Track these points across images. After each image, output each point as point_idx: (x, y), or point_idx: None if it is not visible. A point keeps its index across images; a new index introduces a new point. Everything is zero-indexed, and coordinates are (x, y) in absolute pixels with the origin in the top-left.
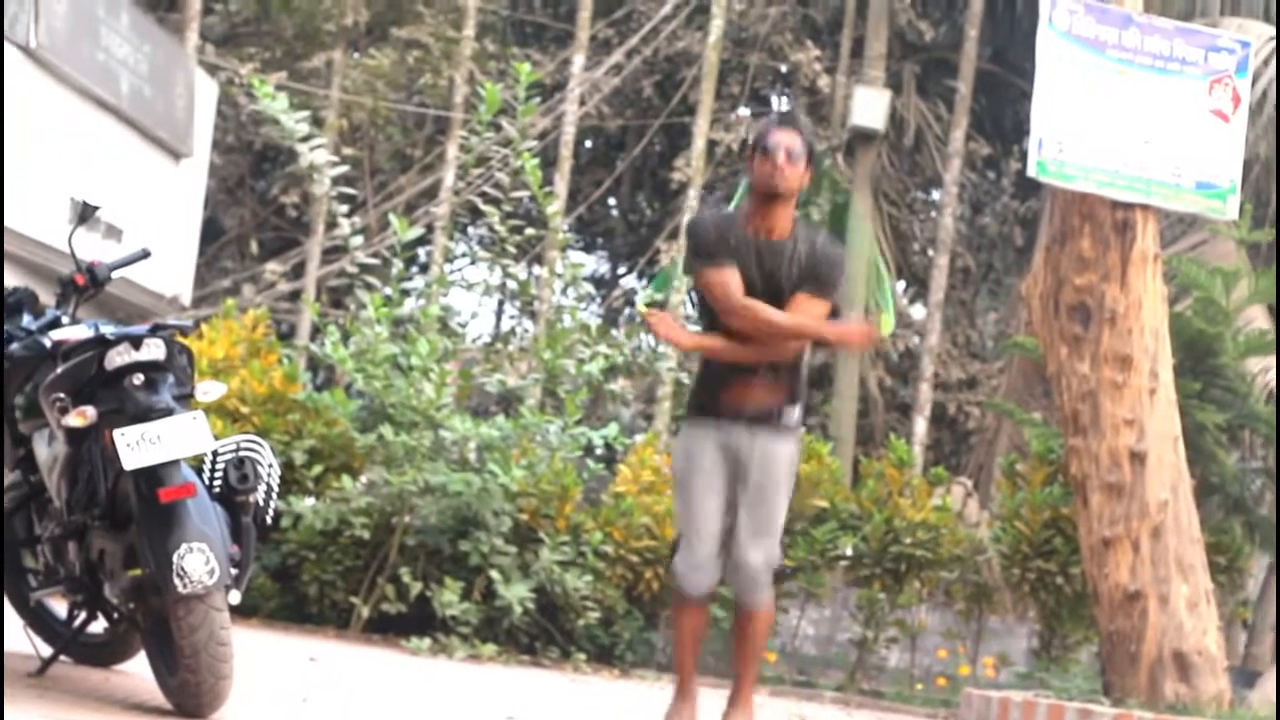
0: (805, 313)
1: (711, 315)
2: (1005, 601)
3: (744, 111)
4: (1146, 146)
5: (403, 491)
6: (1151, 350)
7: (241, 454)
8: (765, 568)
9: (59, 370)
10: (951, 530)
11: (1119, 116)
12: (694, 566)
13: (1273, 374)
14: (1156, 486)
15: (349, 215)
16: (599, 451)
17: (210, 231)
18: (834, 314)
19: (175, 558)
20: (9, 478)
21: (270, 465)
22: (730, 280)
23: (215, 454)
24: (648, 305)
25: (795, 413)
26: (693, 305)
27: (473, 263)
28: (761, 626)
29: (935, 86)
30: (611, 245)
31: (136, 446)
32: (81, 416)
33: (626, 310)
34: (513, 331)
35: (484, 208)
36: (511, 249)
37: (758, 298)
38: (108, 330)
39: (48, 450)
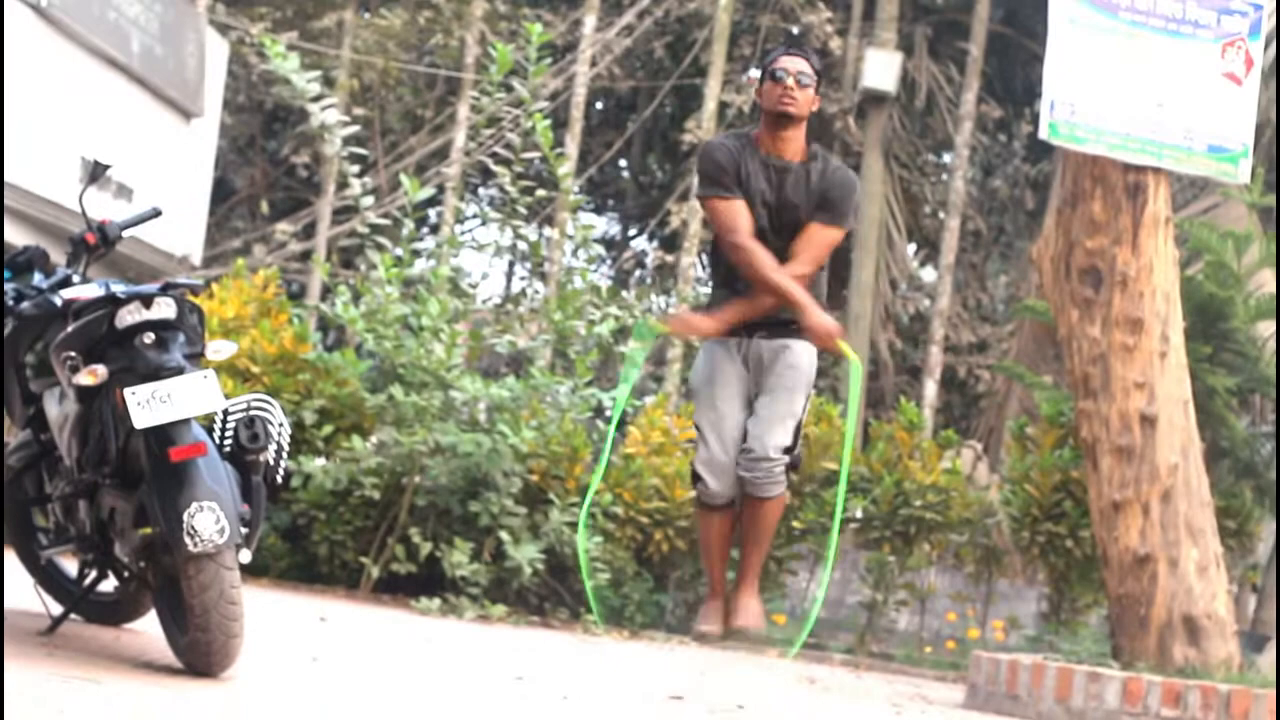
0: (817, 242)
1: (723, 268)
2: (1015, 565)
3: (755, 73)
4: (1159, 109)
5: (413, 452)
6: (1162, 314)
7: (252, 413)
8: (779, 456)
9: (70, 329)
10: (961, 493)
11: (1131, 79)
12: (710, 467)
13: None
14: (1167, 450)
15: (360, 176)
16: (609, 413)
17: (221, 191)
18: (846, 238)
19: (186, 516)
20: (20, 436)
21: (281, 425)
22: (737, 213)
23: (226, 413)
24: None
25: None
26: (703, 265)
27: (483, 224)
28: (772, 513)
29: (947, 49)
30: (622, 207)
31: (147, 405)
32: (92, 375)
33: (637, 272)
34: (523, 293)
35: (495, 169)
36: (522, 210)
37: (771, 219)
38: (119, 289)
39: (58, 409)
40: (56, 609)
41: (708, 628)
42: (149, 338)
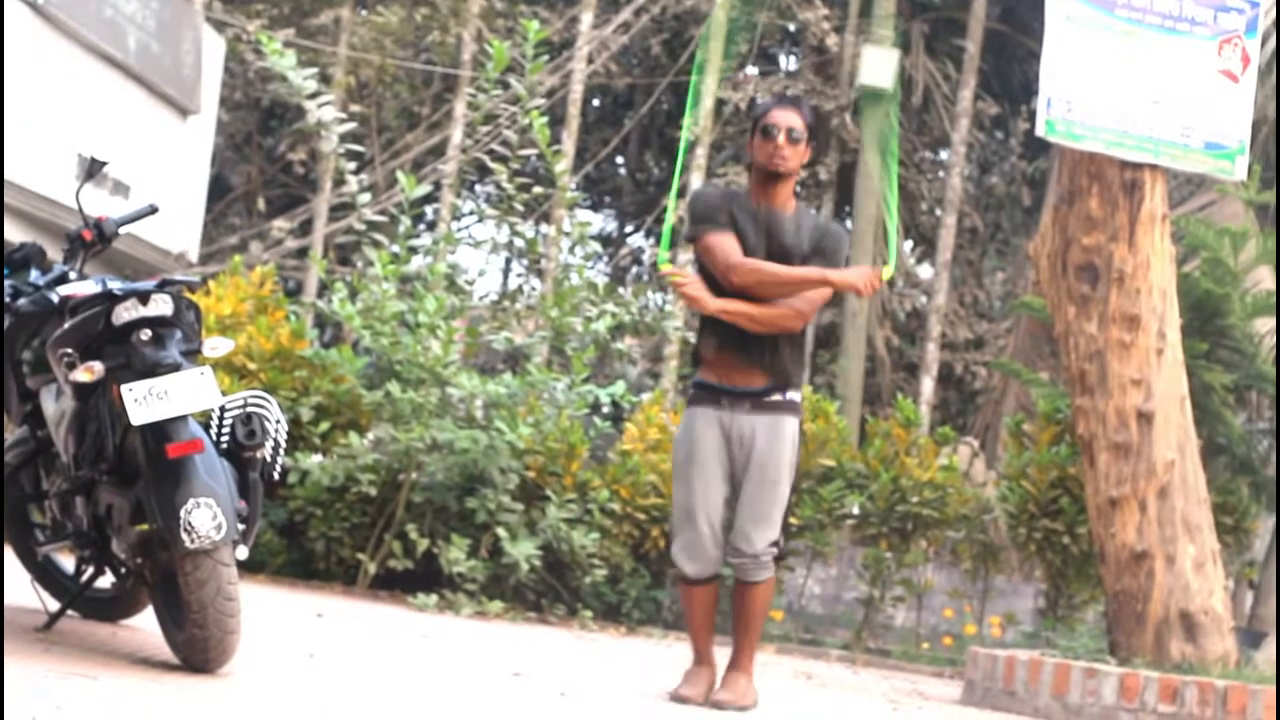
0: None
1: (717, 289)
2: (1011, 561)
3: (752, 70)
4: (1155, 106)
5: (410, 448)
6: (1159, 310)
7: (249, 410)
8: (767, 550)
9: (66, 325)
10: (958, 490)
11: (1127, 76)
12: (697, 554)
13: None
14: (1163, 446)
15: (356, 172)
16: (606, 409)
17: (217, 188)
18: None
19: (183, 513)
20: (17, 432)
21: (277, 421)
22: (729, 243)
23: (223, 410)
24: (667, 263)
25: (797, 393)
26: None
27: (480, 220)
28: (762, 598)
29: (943, 46)
30: (619, 203)
31: (144, 402)
32: (89, 372)
33: (634, 269)
34: (520, 289)
35: (492, 165)
36: (519, 207)
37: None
38: (115, 286)
39: (55, 405)
40: (54, 605)
41: (688, 692)
42: (146, 334)
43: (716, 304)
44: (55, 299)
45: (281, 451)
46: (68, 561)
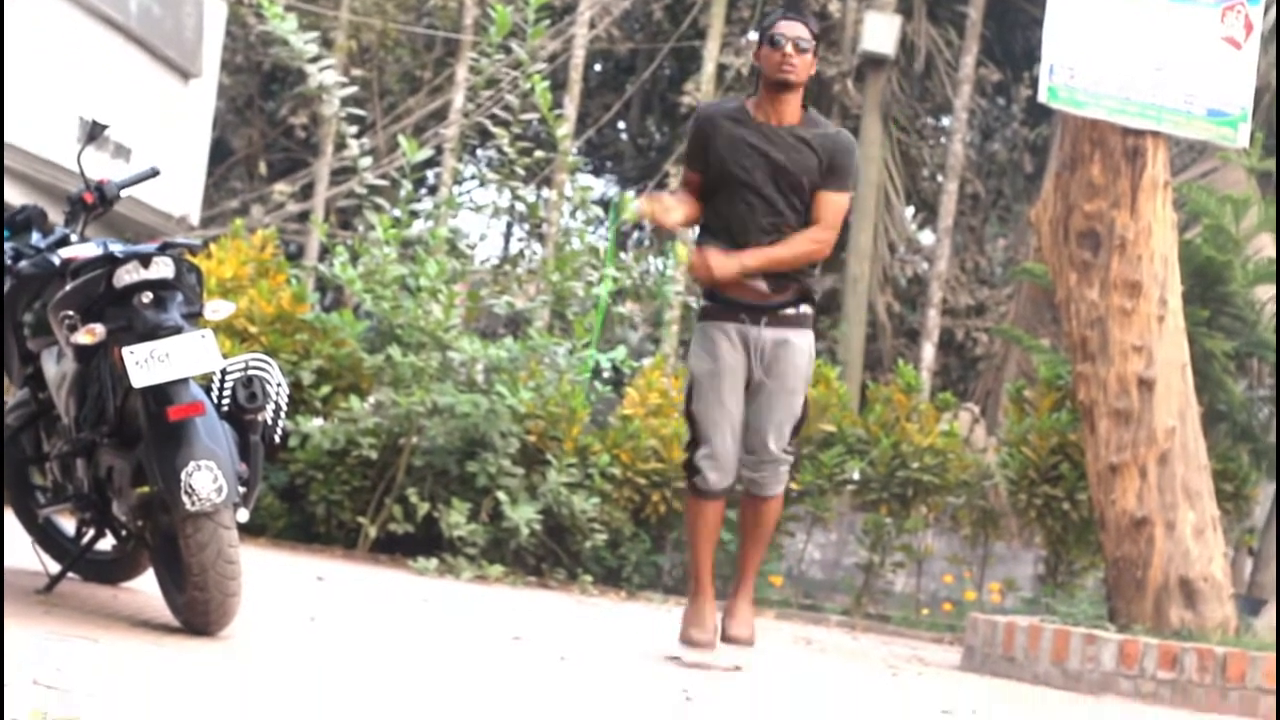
0: (833, 208)
1: (715, 202)
2: (1011, 527)
3: (754, 36)
4: (1158, 73)
5: (410, 412)
6: (1161, 277)
7: (250, 373)
8: (786, 456)
9: (68, 288)
10: (958, 456)
11: (1130, 43)
12: (715, 462)
13: None
14: (1164, 413)
15: (358, 136)
16: (606, 374)
17: (219, 152)
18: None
19: (183, 475)
20: (18, 395)
21: (278, 384)
22: (692, 180)
23: (224, 373)
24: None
25: (811, 306)
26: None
27: (481, 185)
28: (774, 510)
29: (946, 12)
30: (620, 169)
31: (145, 364)
32: (90, 334)
33: (635, 234)
34: (521, 254)
35: (493, 130)
36: (520, 171)
37: (771, 183)
38: (117, 248)
39: (56, 368)
40: (54, 567)
41: (699, 635)
42: (147, 297)
43: (739, 266)
44: (56, 261)
45: (282, 415)
46: (68, 524)
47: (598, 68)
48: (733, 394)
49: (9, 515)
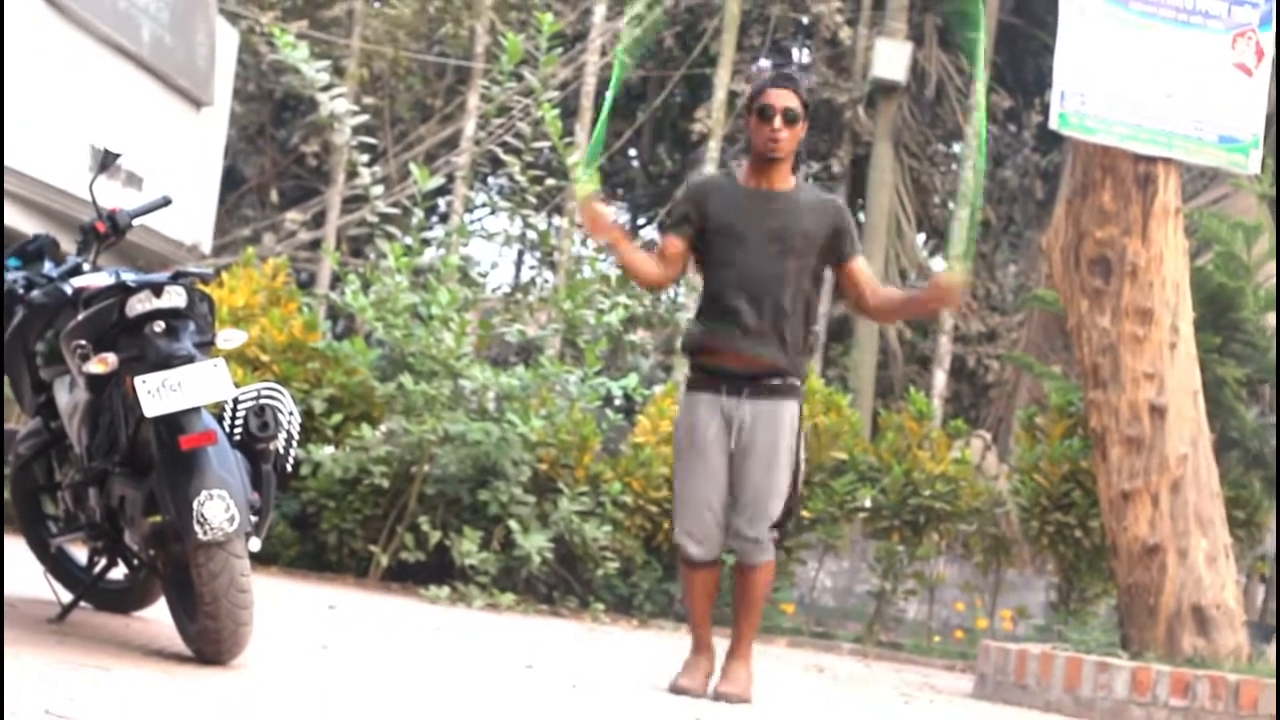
0: (865, 273)
1: (712, 276)
2: (1023, 554)
3: (765, 63)
4: (1169, 100)
5: (422, 440)
6: (1172, 304)
7: (262, 402)
8: (767, 535)
9: (80, 317)
10: (970, 483)
11: (1141, 70)
12: (698, 537)
13: None
14: (1176, 440)
15: (369, 164)
16: (618, 402)
17: (231, 180)
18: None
19: (196, 504)
20: (30, 424)
21: (290, 413)
22: (664, 247)
23: (236, 401)
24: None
25: (797, 378)
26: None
27: (493, 212)
28: (762, 581)
29: (957, 38)
30: (632, 196)
31: (157, 393)
32: (103, 363)
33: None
34: (532, 281)
35: (505, 158)
36: (532, 199)
37: (766, 248)
38: (129, 277)
39: (68, 397)
40: (66, 596)
41: (688, 683)
42: (159, 326)
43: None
44: (69, 290)
45: (294, 443)
46: (80, 553)
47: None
48: (710, 468)
49: (21, 544)
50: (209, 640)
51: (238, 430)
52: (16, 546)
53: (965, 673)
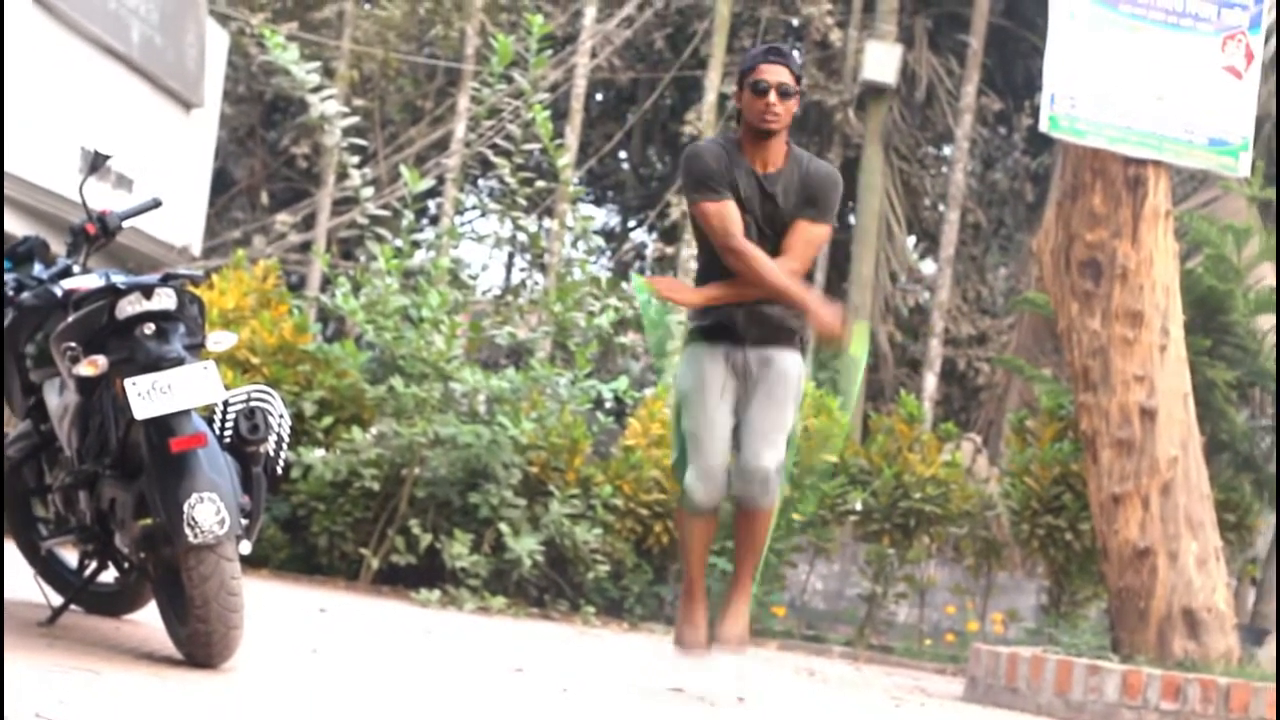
0: (806, 239)
1: (711, 247)
2: (1014, 557)
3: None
4: (1159, 102)
5: (412, 443)
6: (1162, 307)
7: (252, 404)
8: (775, 470)
9: (70, 319)
10: (961, 486)
11: (1131, 72)
12: (705, 479)
13: None
14: (1166, 443)
15: (360, 167)
16: (609, 405)
17: (221, 182)
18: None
19: (186, 507)
20: (20, 426)
21: (281, 416)
22: (729, 213)
23: (226, 404)
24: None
25: (797, 330)
26: (697, 241)
27: (483, 215)
28: (765, 522)
29: (947, 41)
30: (622, 198)
31: (147, 396)
32: (92, 365)
33: (637, 263)
34: (523, 284)
35: (495, 160)
36: (522, 201)
37: (758, 225)
38: (119, 279)
39: (58, 399)
40: (57, 599)
41: (692, 635)
42: (149, 328)
43: (698, 296)
44: (59, 293)
45: (284, 446)
46: (71, 556)
47: (599, 97)
48: (719, 410)
49: (11, 547)
50: (199, 643)
51: (228, 433)
52: (7, 549)
53: (956, 676)
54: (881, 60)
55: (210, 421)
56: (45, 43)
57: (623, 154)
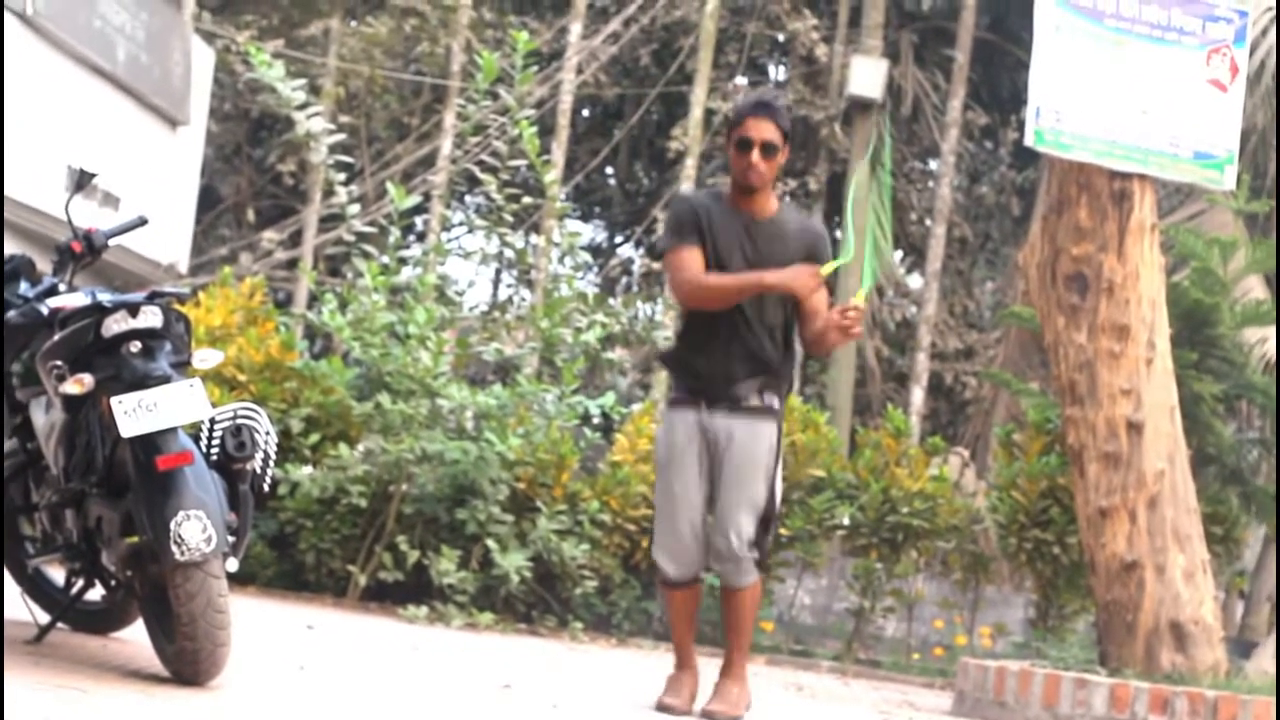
0: (819, 310)
1: (688, 337)
2: (1002, 571)
3: (741, 80)
4: (1144, 116)
5: (400, 460)
6: (1149, 320)
7: (239, 422)
8: (746, 553)
9: (56, 337)
10: (948, 500)
11: (1117, 86)
12: (677, 556)
13: (1270, 344)
14: (1153, 456)
15: (346, 183)
16: (596, 420)
17: (207, 199)
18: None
19: (173, 525)
20: (6, 445)
21: (267, 433)
22: (693, 258)
23: (212, 421)
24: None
25: (776, 399)
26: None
27: (470, 231)
28: (749, 602)
29: (933, 56)
30: (609, 214)
31: (134, 414)
32: (79, 384)
33: (624, 279)
34: (510, 300)
35: (481, 176)
36: (509, 217)
37: (746, 271)
38: (105, 297)
39: (45, 417)
40: (44, 618)
41: (672, 700)
42: (135, 346)
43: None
44: (45, 311)
45: (271, 463)
46: (58, 574)
47: (585, 113)
48: (688, 485)
49: None
50: (187, 661)
51: (215, 450)
52: None
53: (944, 690)
54: (867, 75)
55: (197, 439)
56: (31, 61)
57: (609, 170)
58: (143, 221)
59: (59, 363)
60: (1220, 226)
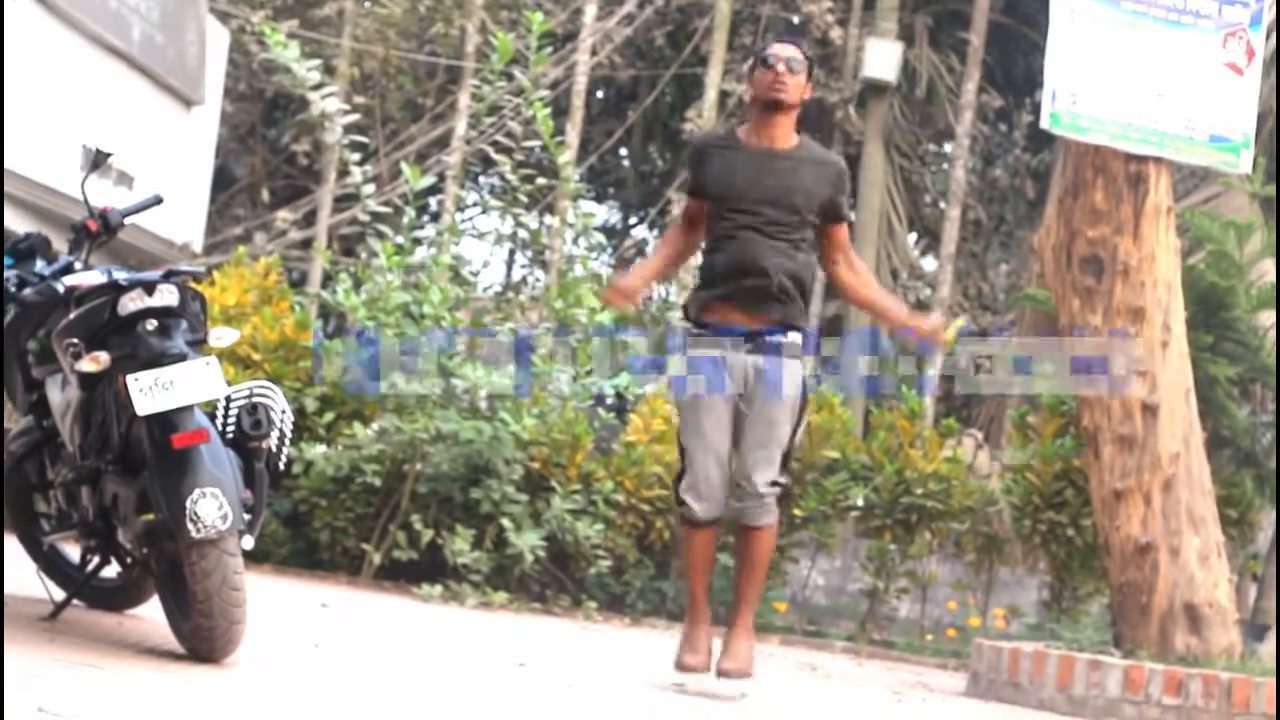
0: (846, 242)
1: (707, 269)
2: (1016, 553)
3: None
4: (1160, 99)
5: (414, 439)
6: (1164, 303)
7: (254, 400)
8: (770, 491)
9: (72, 315)
10: (962, 482)
11: (1132, 69)
12: (702, 492)
13: None
14: (1168, 439)
15: (360, 164)
16: (610, 401)
17: (222, 179)
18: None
19: (188, 503)
20: (22, 422)
21: (283, 411)
22: (688, 210)
23: (228, 400)
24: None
25: (799, 334)
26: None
27: (484, 212)
28: (765, 542)
29: (947, 38)
30: (623, 195)
31: (149, 392)
32: (95, 362)
33: (637, 260)
34: (524, 280)
35: (496, 157)
36: (523, 198)
37: (764, 206)
38: (121, 276)
39: (61, 395)
40: (59, 595)
41: (692, 660)
42: (151, 324)
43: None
44: (61, 289)
45: (286, 442)
46: (73, 551)
47: (600, 94)
48: (714, 422)
49: (13, 542)
50: (202, 638)
51: (230, 428)
52: (9, 545)
53: (958, 671)
54: (882, 57)
55: (212, 417)
56: (46, 40)
57: (623, 151)
58: (158, 200)
59: (75, 340)
60: (1236, 210)
